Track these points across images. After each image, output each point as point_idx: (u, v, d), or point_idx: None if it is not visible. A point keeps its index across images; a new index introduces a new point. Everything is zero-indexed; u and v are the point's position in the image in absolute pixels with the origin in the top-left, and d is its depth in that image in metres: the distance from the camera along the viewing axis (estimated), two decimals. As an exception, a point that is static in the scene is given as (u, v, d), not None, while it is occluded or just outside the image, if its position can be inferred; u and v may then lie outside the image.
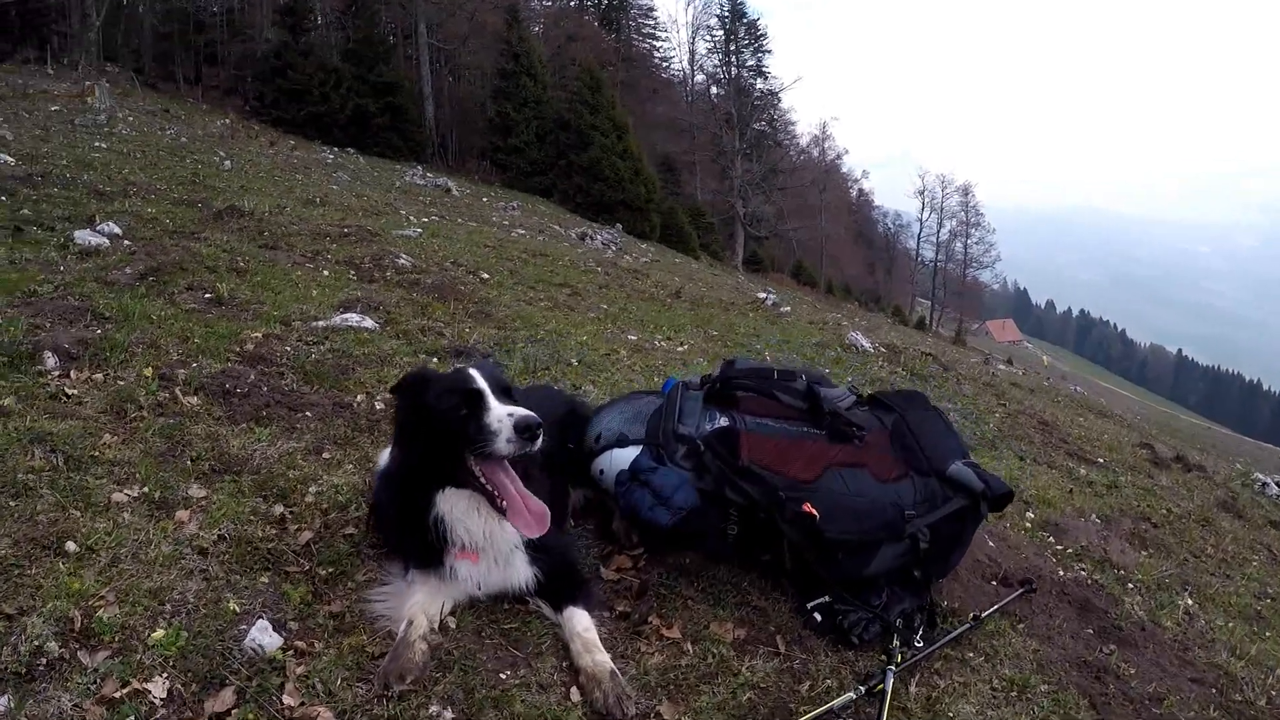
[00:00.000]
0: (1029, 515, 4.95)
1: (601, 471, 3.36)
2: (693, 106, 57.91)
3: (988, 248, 69.65)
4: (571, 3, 55.05)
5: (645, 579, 3.21)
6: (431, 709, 2.35)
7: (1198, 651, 3.58)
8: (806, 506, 2.92)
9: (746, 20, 55.97)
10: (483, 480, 2.65)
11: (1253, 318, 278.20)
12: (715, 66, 57.71)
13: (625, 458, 3.25)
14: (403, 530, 2.82)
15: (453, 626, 2.73)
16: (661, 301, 12.42)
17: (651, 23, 60.18)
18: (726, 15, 55.61)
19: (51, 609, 2.41)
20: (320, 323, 5.75)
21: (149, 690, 2.23)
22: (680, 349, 8.19)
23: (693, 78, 59.86)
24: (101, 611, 2.45)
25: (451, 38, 41.87)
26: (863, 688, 2.69)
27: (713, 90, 58.63)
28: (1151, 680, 3.19)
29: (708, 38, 57.48)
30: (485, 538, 2.72)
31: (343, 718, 2.29)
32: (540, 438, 2.55)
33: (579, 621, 2.72)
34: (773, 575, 3.28)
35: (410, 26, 40.75)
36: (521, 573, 2.83)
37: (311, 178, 18.05)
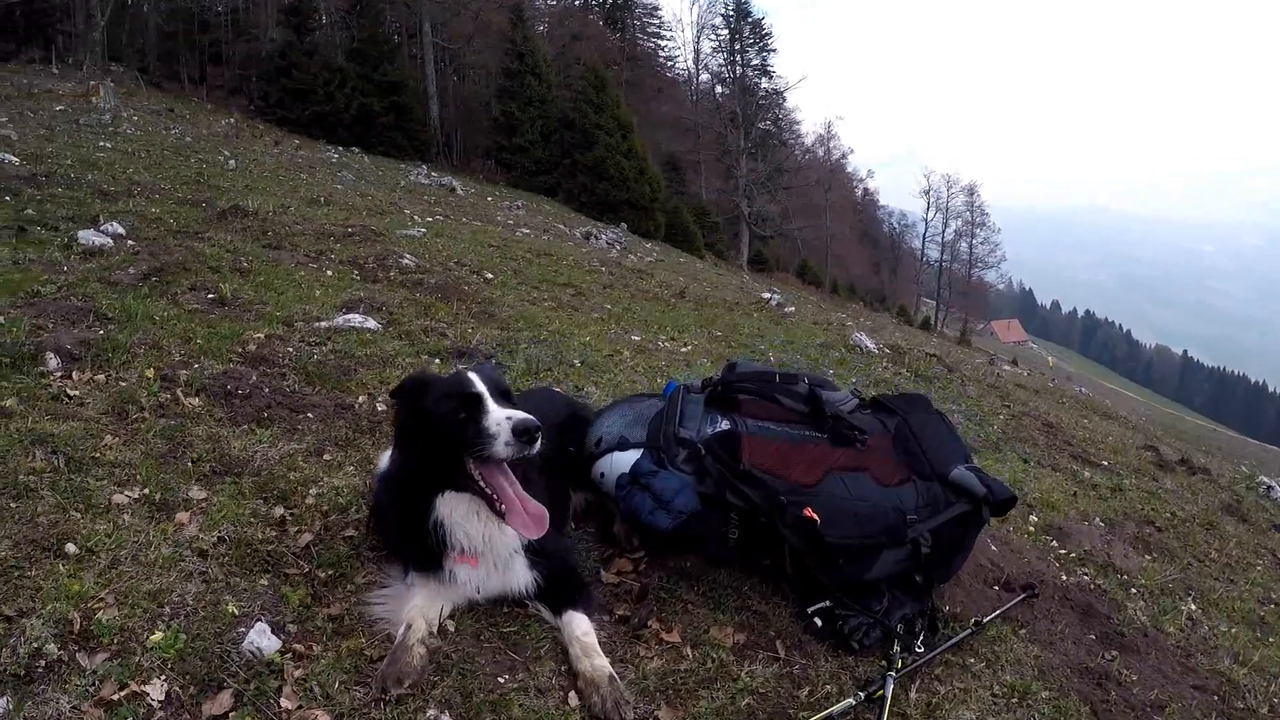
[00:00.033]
0: (1032, 519, 4.93)
1: (602, 475, 3.35)
2: (697, 105, 57.86)
3: (993, 248, 69.44)
4: (576, 2, 55.07)
5: (645, 583, 3.20)
6: (429, 713, 2.35)
7: (1200, 658, 3.56)
8: (807, 511, 2.91)
9: (751, 19, 55.91)
10: (481, 484, 2.64)
11: (1258, 318, 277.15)
12: (720, 65, 57.71)
13: (626, 461, 3.25)
14: (402, 533, 2.82)
15: (452, 630, 2.73)
16: (666, 301, 12.40)
17: (656, 22, 60.23)
18: (731, 14, 55.56)
19: (51, 611, 2.41)
20: (323, 323, 5.75)
21: (147, 693, 2.24)
22: (684, 350, 8.17)
23: (697, 77, 59.87)
24: (101, 613, 2.45)
25: (456, 37, 41.92)
26: (863, 694, 2.68)
27: (717, 89, 58.66)
28: (1153, 687, 3.18)
29: (712, 37, 57.44)
30: (484, 541, 2.72)
31: (340, 721, 2.28)
32: (538, 441, 2.55)
33: (578, 625, 2.71)
34: (773, 579, 3.27)
35: (415, 26, 40.81)
36: (521, 576, 2.83)
37: (316, 177, 18.07)
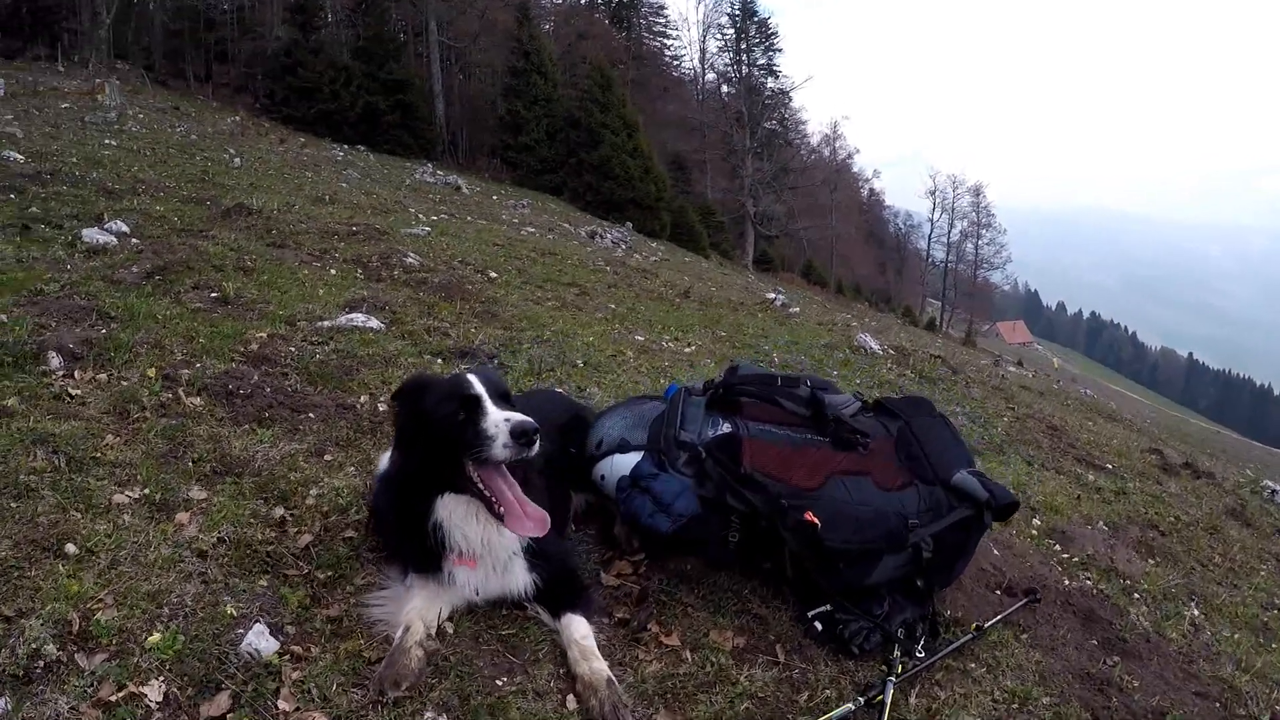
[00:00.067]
0: (1035, 522, 4.91)
1: (603, 477, 3.35)
2: (703, 105, 57.82)
3: (999, 249, 69.26)
4: (582, 1, 55.05)
5: (645, 585, 3.20)
6: (426, 715, 2.35)
7: (1203, 664, 3.54)
8: (808, 515, 2.90)
9: (757, 19, 55.89)
10: (480, 486, 2.64)
11: (1264, 320, 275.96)
12: (726, 65, 57.66)
13: (626, 463, 3.24)
14: (401, 535, 2.81)
15: (450, 632, 2.72)
16: (670, 301, 12.39)
17: (662, 21, 60.17)
18: (737, 14, 55.49)
19: (50, 611, 2.41)
20: (325, 323, 5.75)
21: (145, 694, 2.23)
22: (687, 350, 8.16)
23: (703, 76, 59.84)
24: (100, 614, 2.45)
25: (462, 35, 41.92)
26: (862, 699, 2.67)
27: (723, 89, 58.63)
28: (1155, 693, 3.16)
29: (718, 36, 57.41)
30: (483, 543, 2.71)
31: (337, 724, 2.28)
32: (536, 443, 2.55)
33: (577, 628, 2.71)
34: (774, 583, 3.26)
35: (421, 24, 40.81)
36: (520, 579, 2.82)
37: (321, 175, 18.07)
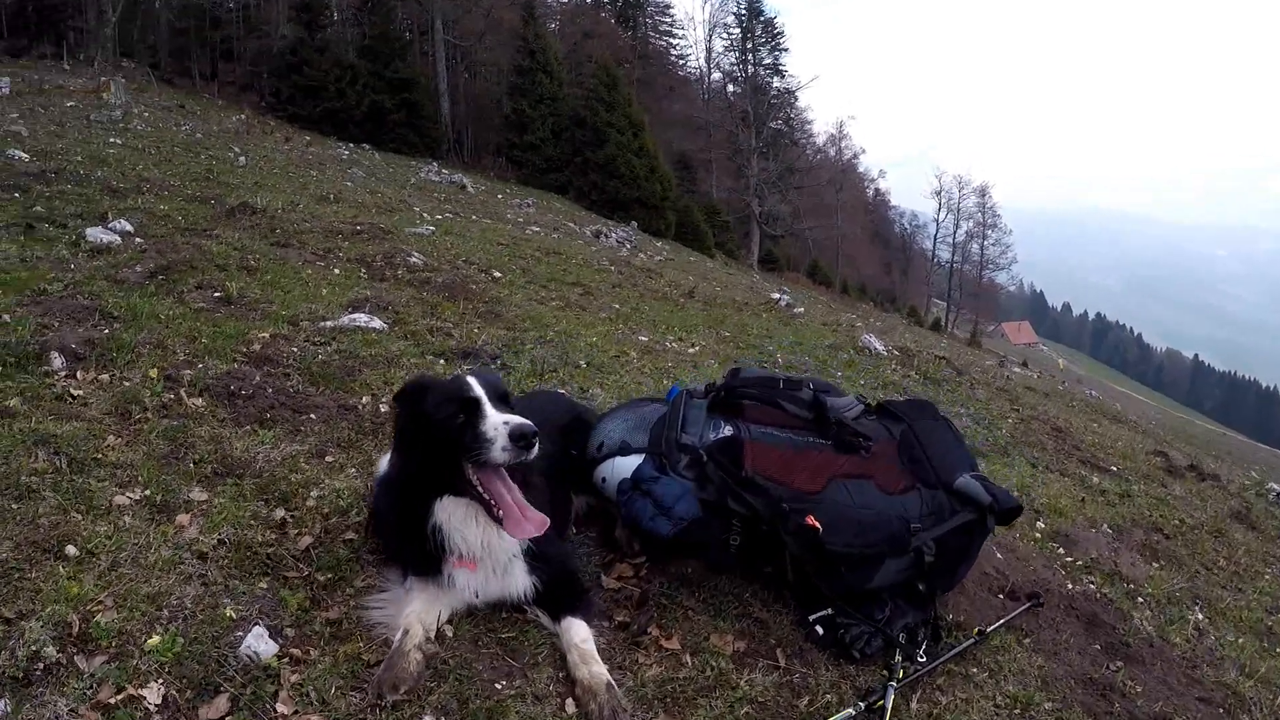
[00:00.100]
0: (1039, 525, 4.89)
1: (604, 479, 3.34)
2: (709, 104, 57.79)
3: (1004, 249, 69.31)
4: (588, 0, 55.05)
5: (646, 588, 3.18)
6: (425, 719, 2.34)
7: (1206, 669, 3.52)
8: (810, 519, 2.89)
9: (763, 18, 55.86)
10: (479, 489, 2.63)
11: (1270, 322, 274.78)
12: (732, 64, 57.70)
13: (627, 466, 3.23)
14: (401, 537, 2.81)
15: (450, 635, 2.71)
16: (674, 301, 12.37)
17: (668, 20, 60.25)
18: (744, 13, 55.53)
19: (50, 613, 2.40)
20: (328, 323, 5.75)
21: (144, 696, 2.23)
22: (691, 350, 8.15)
23: (709, 76, 59.86)
24: (99, 616, 2.45)
25: (468, 34, 41.98)
26: (863, 703, 2.65)
27: (729, 88, 58.59)
28: (1158, 699, 3.14)
29: (724, 35, 57.47)
30: (483, 546, 2.70)
31: (335, 728, 2.28)
32: (535, 446, 2.54)
33: (577, 632, 2.70)
34: (775, 586, 3.25)
35: (426, 23, 40.89)
36: (520, 581, 2.81)
37: (326, 174, 18.09)
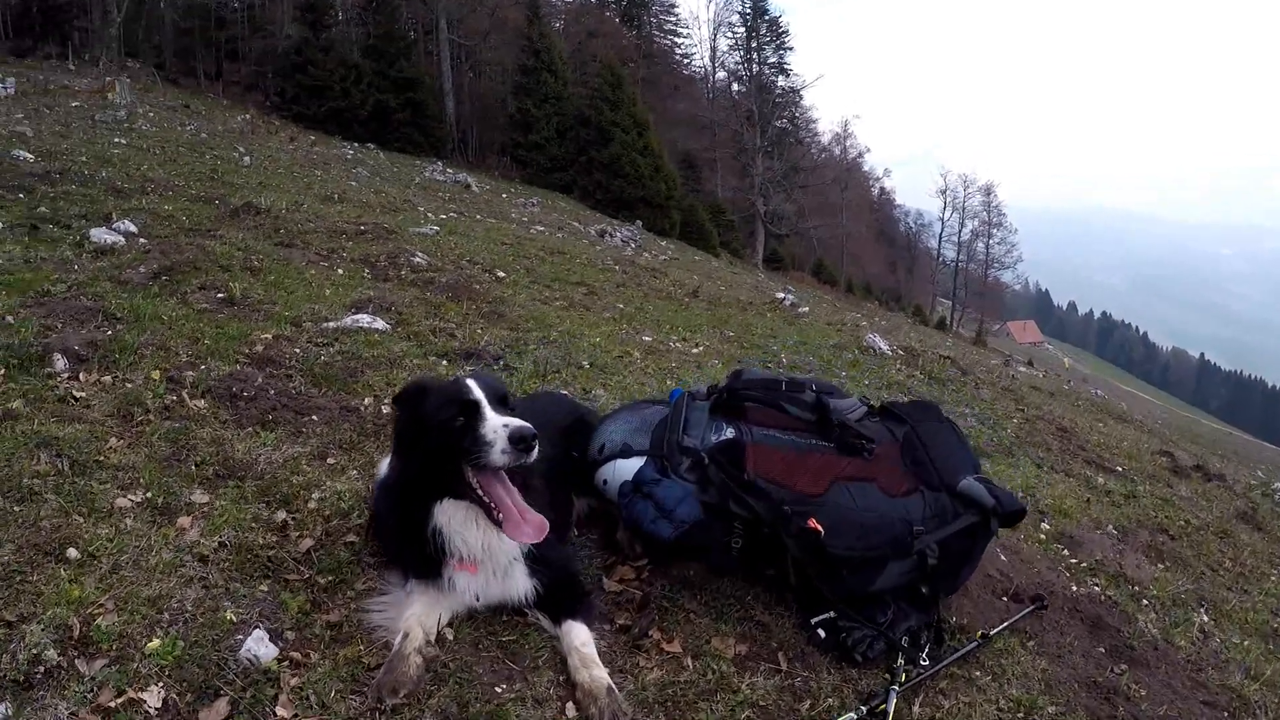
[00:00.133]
0: (1044, 526, 4.88)
1: (605, 482, 3.33)
2: (714, 103, 57.70)
3: (1009, 248, 69.11)
4: (593, -1, 55.06)
5: (647, 591, 3.18)
6: (425, 723, 2.34)
7: (1211, 672, 3.51)
8: (811, 522, 2.88)
9: (768, 17, 55.81)
10: (479, 492, 2.62)
11: (1276, 321, 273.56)
12: (737, 63, 57.63)
13: (629, 469, 3.22)
14: (401, 540, 2.80)
15: (450, 638, 2.71)
16: (679, 301, 12.37)
17: (673, 19, 60.16)
18: (748, 12, 55.46)
19: (51, 616, 2.41)
20: (331, 323, 5.75)
21: (144, 700, 2.23)
22: (695, 350, 8.14)
23: (714, 74, 59.72)
24: (100, 619, 2.45)
25: (472, 33, 41.98)
26: (865, 707, 2.64)
27: (734, 87, 58.50)
28: (1162, 703, 3.12)
29: (729, 34, 57.34)
30: (483, 549, 2.70)
31: (335, 731, 2.27)
32: (534, 449, 2.53)
33: (577, 635, 2.69)
34: (777, 589, 3.24)
35: (431, 22, 40.86)
36: (521, 585, 2.80)
37: (331, 173, 18.10)
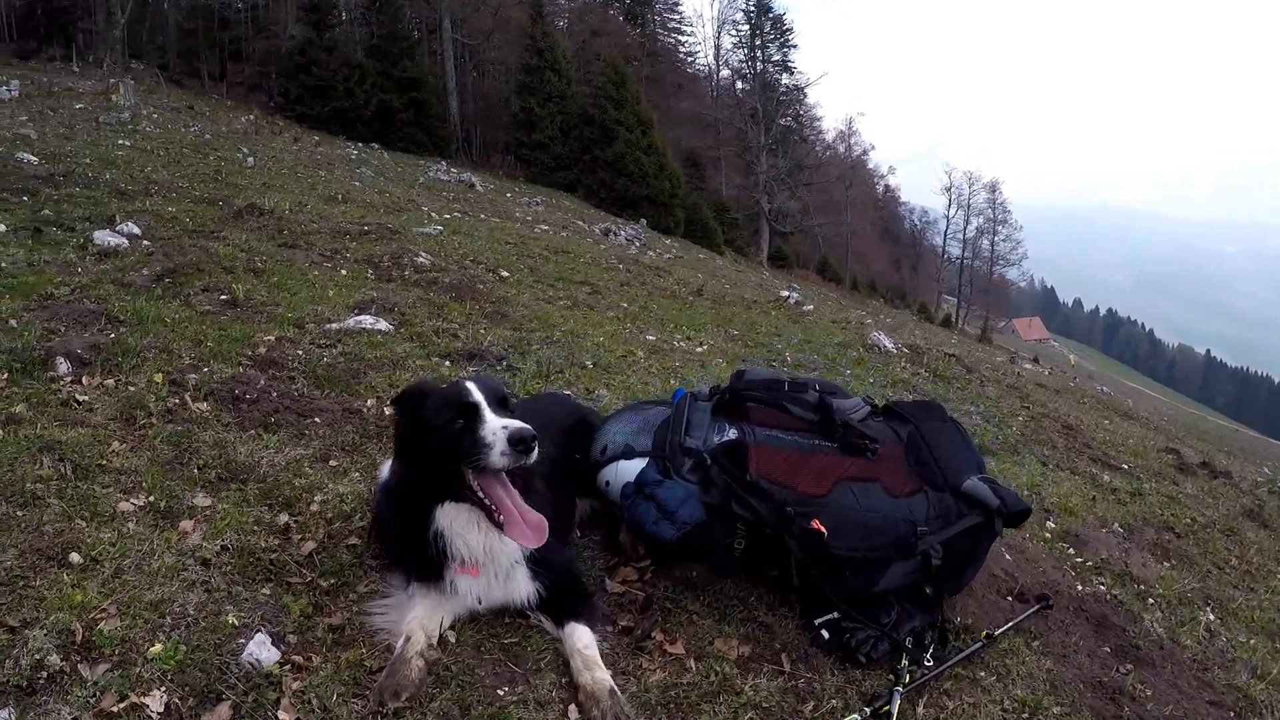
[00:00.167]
0: (1049, 525, 4.85)
1: (607, 483, 3.33)
2: (718, 101, 57.61)
3: (1015, 245, 68.91)
4: (596, -3, 55.01)
5: (650, 592, 3.17)
6: (427, 726, 2.33)
7: (1217, 672, 3.48)
8: (814, 523, 2.87)
9: (772, 15, 55.65)
10: (480, 494, 2.62)
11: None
12: (741, 61, 57.47)
13: (631, 470, 3.22)
14: (403, 543, 2.80)
15: (452, 641, 2.71)
16: (683, 299, 12.36)
17: (676, 18, 60.00)
18: (752, 10, 55.26)
19: (54, 621, 2.41)
20: (334, 325, 5.75)
21: (146, 704, 2.23)
22: (699, 349, 8.13)
23: (718, 73, 59.61)
24: (103, 624, 2.45)
25: (476, 33, 41.99)
26: (868, 709, 2.63)
27: (738, 85, 58.38)
28: (1168, 703, 3.10)
29: (733, 33, 57.21)
30: (485, 552, 2.69)
31: (337, 735, 2.27)
32: (534, 451, 2.52)
33: (580, 638, 2.68)
34: (780, 590, 3.23)
35: (434, 22, 40.87)
36: (523, 587, 2.80)
37: (334, 174, 18.13)
